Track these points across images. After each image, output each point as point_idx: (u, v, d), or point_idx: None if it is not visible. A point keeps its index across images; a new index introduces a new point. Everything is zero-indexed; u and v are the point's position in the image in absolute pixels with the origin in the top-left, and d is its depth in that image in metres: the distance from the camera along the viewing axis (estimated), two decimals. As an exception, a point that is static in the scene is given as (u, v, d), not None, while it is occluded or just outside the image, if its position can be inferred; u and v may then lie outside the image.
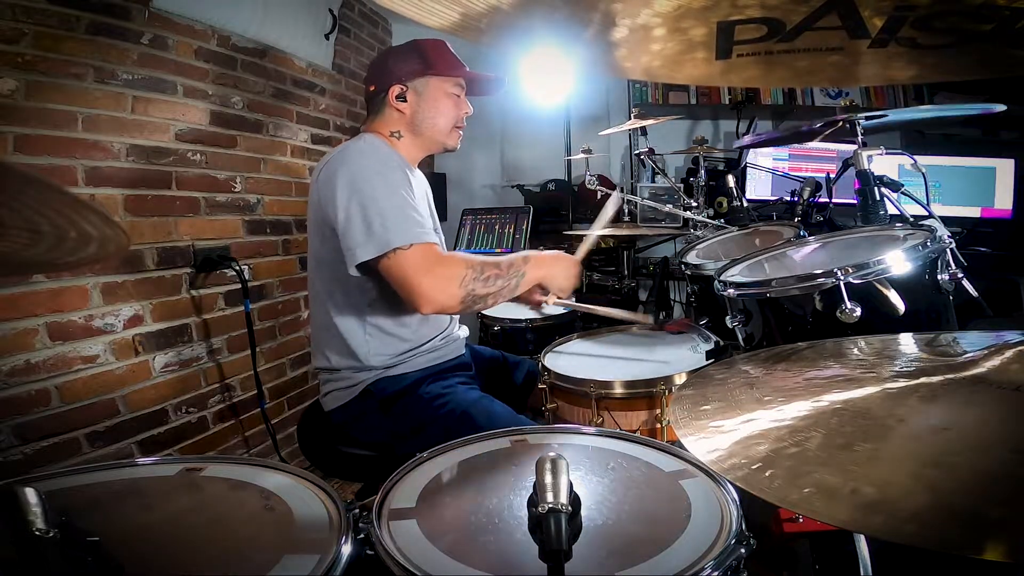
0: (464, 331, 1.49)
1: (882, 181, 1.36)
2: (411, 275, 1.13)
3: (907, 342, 0.70)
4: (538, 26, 0.64)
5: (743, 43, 0.67)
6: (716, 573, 0.58)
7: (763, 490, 0.43)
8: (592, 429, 0.94)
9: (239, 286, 2.05)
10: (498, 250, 2.91)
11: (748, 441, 0.50)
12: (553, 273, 1.29)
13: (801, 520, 1.13)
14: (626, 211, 2.89)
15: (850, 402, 0.54)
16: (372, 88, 1.37)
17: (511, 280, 1.21)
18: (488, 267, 1.18)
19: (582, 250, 1.41)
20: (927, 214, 1.39)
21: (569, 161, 3.26)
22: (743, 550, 0.61)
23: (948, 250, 0.98)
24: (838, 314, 0.90)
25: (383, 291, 1.24)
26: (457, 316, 1.46)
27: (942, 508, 0.38)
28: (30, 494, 0.51)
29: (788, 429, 0.51)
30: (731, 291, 1.11)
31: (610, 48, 0.68)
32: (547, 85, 2.91)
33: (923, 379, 0.55)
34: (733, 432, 0.53)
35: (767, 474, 0.45)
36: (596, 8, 0.61)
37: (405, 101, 1.33)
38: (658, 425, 1.17)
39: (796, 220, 1.84)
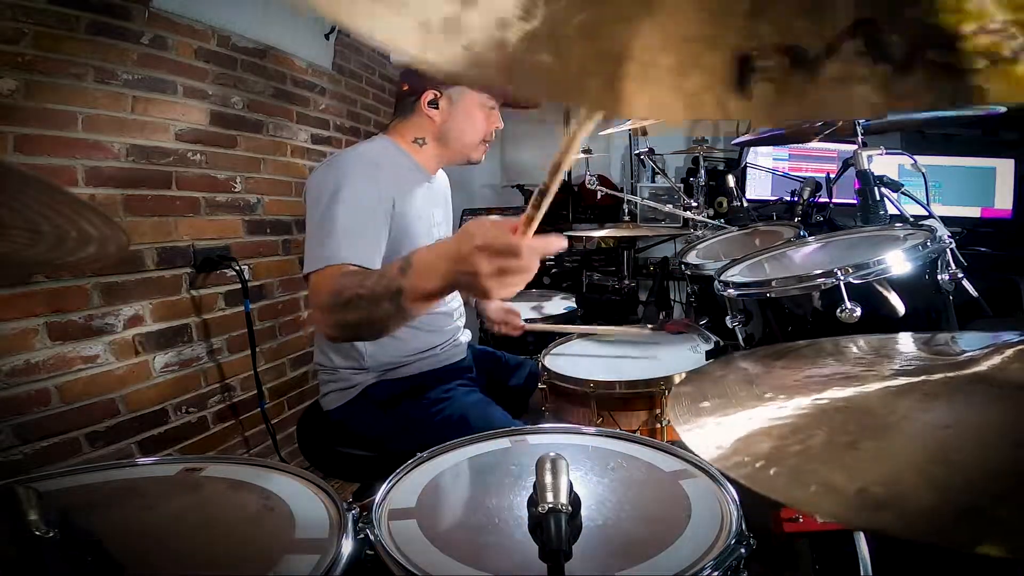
0: (467, 334, 1.49)
1: (882, 181, 1.36)
2: (310, 299, 1.05)
3: (905, 341, 0.70)
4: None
5: (760, 72, 0.65)
6: (716, 573, 0.58)
7: (769, 489, 0.43)
8: (592, 429, 0.94)
9: (239, 286, 2.05)
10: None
11: (750, 439, 0.50)
12: (453, 280, 0.80)
13: (801, 520, 1.13)
14: (626, 210, 2.88)
15: (851, 400, 0.54)
16: (405, 87, 1.31)
17: (381, 301, 0.85)
18: (355, 287, 0.92)
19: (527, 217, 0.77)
20: (927, 214, 1.39)
21: (569, 161, 3.26)
22: (743, 550, 0.61)
23: (948, 250, 0.98)
24: (838, 314, 0.90)
25: None
26: (461, 320, 1.45)
27: (947, 505, 0.38)
28: (30, 494, 0.51)
29: (791, 427, 0.51)
30: (731, 291, 1.11)
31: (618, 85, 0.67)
32: (547, 85, 2.90)
33: (924, 377, 0.55)
34: (735, 429, 0.53)
35: (771, 472, 0.44)
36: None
37: (437, 108, 1.27)
38: (658, 425, 1.17)
39: (796, 220, 1.84)
